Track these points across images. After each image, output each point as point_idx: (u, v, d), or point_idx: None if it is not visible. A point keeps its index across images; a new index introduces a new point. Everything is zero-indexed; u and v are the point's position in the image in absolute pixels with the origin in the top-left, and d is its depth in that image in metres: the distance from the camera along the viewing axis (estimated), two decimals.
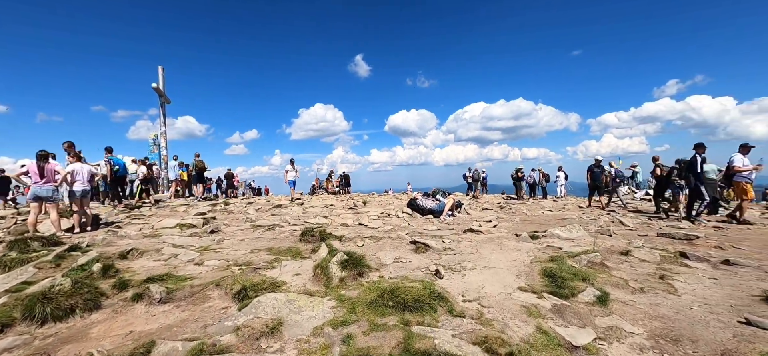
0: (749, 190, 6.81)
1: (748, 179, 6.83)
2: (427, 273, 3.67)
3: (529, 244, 4.95)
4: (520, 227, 6.67)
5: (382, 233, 5.85)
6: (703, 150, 7.04)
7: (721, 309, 2.85)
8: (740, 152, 6.93)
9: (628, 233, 5.89)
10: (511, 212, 9.18)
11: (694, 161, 7.07)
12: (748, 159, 6.88)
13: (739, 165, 6.80)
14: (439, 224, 6.91)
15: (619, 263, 4.13)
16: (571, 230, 5.49)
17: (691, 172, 7.06)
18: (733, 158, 6.95)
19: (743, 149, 6.94)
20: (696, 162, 7.02)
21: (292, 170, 12.70)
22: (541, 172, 16.20)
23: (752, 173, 6.76)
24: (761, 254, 4.51)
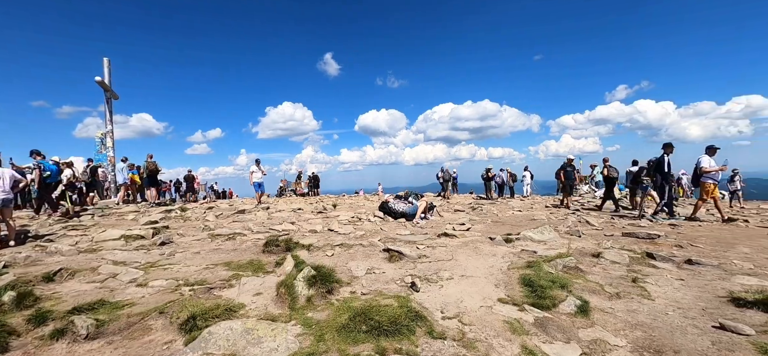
0: (715, 190, 7.17)
1: (714, 179, 7.13)
2: (402, 285, 3.42)
3: (504, 248, 4.86)
4: (493, 229, 6.64)
5: (354, 240, 5.54)
6: (671, 150, 7.39)
7: (694, 313, 2.85)
8: (707, 153, 7.21)
9: (596, 234, 6.02)
10: (482, 213, 9.22)
11: (662, 161, 7.41)
12: (714, 160, 7.17)
13: (706, 166, 7.06)
14: (412, 228, 6.72)
15: (592, 266, 4.12)
16: (542, 233, 5.49)
17: (659, 172, 7.40)
18: (700, 160, 7.18)
19: (710, 151, 7.21)
20: (663, 162, 7.36)
21: (257, 170, 11.96)
22: (508, 172, 16.62)
23: (718, 174, 7.15)
24: (716, 252, 4.72)
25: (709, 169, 7.03)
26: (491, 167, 15.89)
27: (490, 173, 15.64)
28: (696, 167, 7.13)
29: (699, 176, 7.06)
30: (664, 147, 7.47)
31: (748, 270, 3.91)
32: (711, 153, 7.17)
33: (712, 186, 7.05)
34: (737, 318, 2.71)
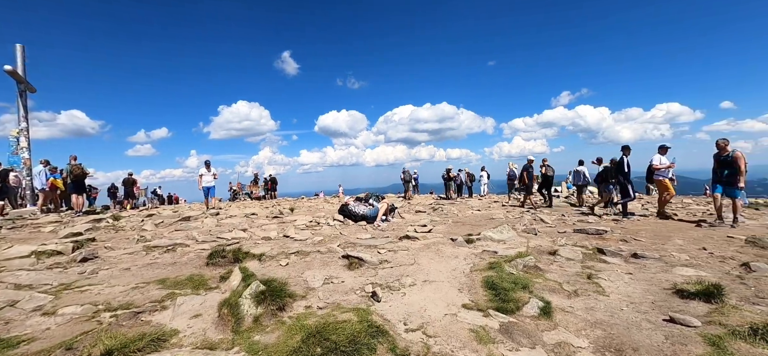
0: (669, 186, 7.76)
1: (665, 176, 7.73)
2: (362, 295, 3.18)
3: (466, 249, 4.82)
4: (454, 230, 6.63)
5: (311, 246, 5.20)
6: (629, 152, 7.90)
7: (645, 307, 2.94)
8: (659, 152, 7.81)
9: (550, 231, 6.23)
10: (443, 213, 9.26)
11: (621, 162, 7.91)
12: (665, 158, 7.76)
13: (657, 164, 7.69)
14: (373, 232, 6.50)
15: (549, 263, 4.19)
16: (501, 232, 5.56)
17: (620, 172, 7.89)
18: (653, 158, 7.78)
19: (661, 150, 7.83)
20: (623, 163, 7.86)
21: (207, 173, 10.91)
22: (466, 172, 17.08)
23: (669, 171, 7.73)
24: (656, 245, 5.07)
25: (661, 166, 7.67)
26: (451, 168, 16.23)
27: (450, 174, 15.95)
28: (649, 165, 7.78)
29: (652, 174, 7.70)
30: (623, 149, 7.95)
31: (685, 261, 4.20)
32: (662, 152, 7.81)
33: (666, 182, 7.69)
34: (684, 311, 2.83)
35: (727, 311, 2.74)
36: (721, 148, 6.79)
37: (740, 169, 6.49)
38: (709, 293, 3.00)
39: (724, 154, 6.72)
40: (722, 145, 6.76)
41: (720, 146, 6.79)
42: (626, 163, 7.75)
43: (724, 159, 6.73)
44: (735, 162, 6.54)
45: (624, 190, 7.79)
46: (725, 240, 5.22)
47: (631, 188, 7.70)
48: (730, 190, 6.68)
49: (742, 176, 6.50)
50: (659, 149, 7.86)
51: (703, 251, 4.65)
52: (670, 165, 7.65)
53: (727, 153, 6.69)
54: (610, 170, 8.58)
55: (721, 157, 6.79)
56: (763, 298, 3.03)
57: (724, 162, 6.73)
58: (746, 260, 4.05)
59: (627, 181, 7.70)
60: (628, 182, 7.69)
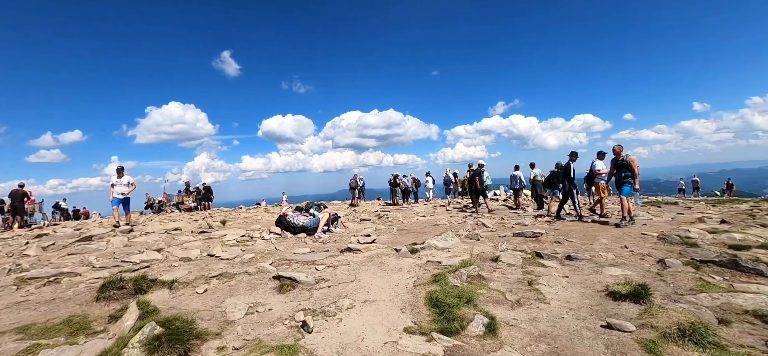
0: (604, 189, 8.37)
1: (603, 180, 8.37)
2: (291, 326, 2.73)
3: (410, 260, 4.59)
4: (399, 239, 6.41)
5: (238, 266, 4.56)
6: (576, 158, 8.33)
7: (584, 313, 2.93)
8: (598, 158, 8.45)
9: (491, 235, 6.31)
10: (388, 221, 9.05)
11: (568, 168, 8.34)
12: (603, 163, 8.38)
13: (600, 168, 8.33)
14: (313, 245, 6.01)
15: (492, 271, 4.12)
16: (446, 239, 5.45)
17: (566, 177, 8.27)
18: (594, 163, 8.40)
19: (600, 156, 8.49)
20: (570, 168, 8.30)
21: (120, 183, 8.98)
22: (412, 178, 17.23)
23: (606, 174, 8.25)
24: (585, 245, 5.35)
25: (602, 171, 8.32)
26: (398, 174, 16.22)
27: (397, 179, 15.92)
28: (590, 169, 8.41)
29: (593, 177, 8.31)
30: (570, 155, 8.40)
31: (612, 260, 4.43)
32: (601, 157, 8.48)
33: (604, 185, 8.36)
34: (618, 314, 2.86)
35: (655, 311, 2.82)
36: (616, 153, 7.41)
37: (634, 171, 7.11)
38: (638, 294, 3.10)
39: (620, 158, 7.34)
40: (618, 150, 7.39)
41: (616, 151, 7.43)
42: (572, 168, 8.19)
43: (620, 162, 7.34)
44: (630, 165, 7.16)
45: (568, 194, 8.22)
46: (641, 238, 5.71)
47: (575, 192, 8.17)
48: (625, 188, 7.22)
49: (636, 178, 7.11)
50: (598, 155, 8.56)
51: (625, 249, 5.00)
52: (611, 171, 8.29)
53: (622, 157, 7.31)
54: (557, 174, 9.13)
55: (617, 161, 7.40)
56: (682, 295, 3.21)
57: (620, 165, 7.33)
58: (661, 257, 4.40)
59: (572, 185, 8.16)
60: (573, 186, 8.16)
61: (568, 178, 8.15)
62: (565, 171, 8.23)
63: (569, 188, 8.11)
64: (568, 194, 8.18)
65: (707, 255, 4.37)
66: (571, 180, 8.09)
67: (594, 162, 8.57)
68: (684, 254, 4.56)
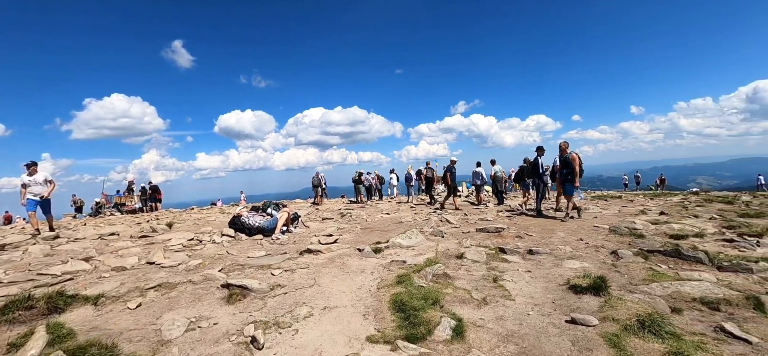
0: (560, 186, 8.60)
1: None
2: (239, 342, 2.40)
3: (374, 260, 4.38)
4: (362, 238, 6.18)
5: (182, 274, 4.07)
6: (543, 153, 8.46)
7: (548, 309, 2.90)
8: (542, 155, 8.68)
9: (456, 232, 6.29)
10: (351, 219, 8.78)
11: (536, 163, 8.42)
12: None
13: (543, 164, 8.49)
14: (269, 247, 5.59)
15: (457, 268, 4.03)
16: (410, 237, 5.32)
17: (535, 172, 8.36)
18: (556, 160, 8.40)
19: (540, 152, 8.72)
20: (538, 164, 8.38)
21: (34, 181, 7.29)
22: (376, 175, 17.05)
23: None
24: (544, 239, 5.48)
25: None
26: (362, 171, 15.95)
27: (361, 177, 15.65)
28: (553, 166, 8.62)
29: (555, 174, 8.56)
30: (538, 150, 8.54)
31: (569, 253, 4.54)
32: (567, 152, 8.66)
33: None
34: (580, 308, 2.86)
35: (614, 303, 2.85)
36: (562, 150, 7.63)
37: (575, 169, 7.27)
38: (597, 286, 3.14)
39: (564, 155, 7.53)
40: (563, 147, 7.61)
41: (561, 148, 7.64)
42: (541, 164, 8.36)
43: (563, 159, 7.53)
44: (572, 162, 7.32)
45: (538, 189, 8.41)
46: (594, 230, 5.98)
47: (544, 187, 8.35)
48: (567, 187, 7.42)
49: (577, 175, 7.27)
50: (540, 152, 8.86)
51: (581, 242, 5.18)
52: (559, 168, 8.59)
53: (566, 154, 7.49)
54: (527, 169, 9.34)
55: (561, 157, 7.59)
56: (636, 285, 3.32)
57: (564, 162, 7.51)
58: (614, 249, 4.58)
59: (541, 180, 8.34)
60: (542, 181, 8.35)
61: (537, 173, 8.29)
62: (534, 167, 8.37)
63: (540, 183, 8.25)
64: (538, 188, 8.35)
65: (653, 245, 4.64)
66: (540, 175, 8.24)
67: (555, 159, 8.88)
68: (633, 245, 4.80)
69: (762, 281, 3.54)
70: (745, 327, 2.49)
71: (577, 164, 7.29)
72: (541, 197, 8.34)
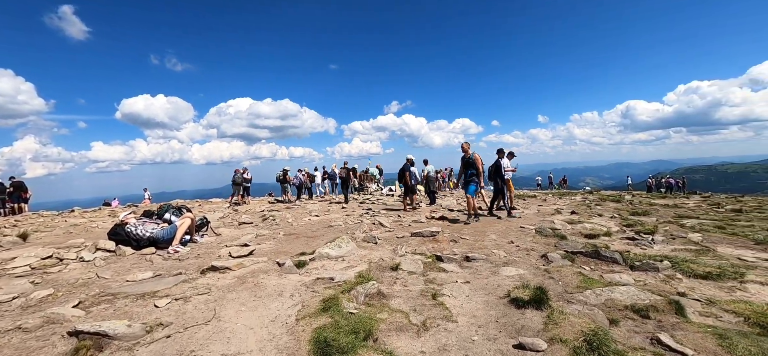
0: (511, 185, 8.66)
1: (510, 177, 8.56)
2: None
3: (295, 278, 3.68)
4: (285, 246, 5.38)
5: (14, 315, 2.86)
6: (503, 155, 8.34)
7: (493, 331, 2.59)
8: (507, 157, 8.62)
9: (389, 236, 5.88)
10: (274, 223, 7.81)
11: (499, 165, 8.21)
12: (510, 163, 8.65)
13: (506, 166, 8.50)
14: (163, 263, 4.46)
15: (392, 283, 3.57)
16: (340, 245, 4.72)
17: (498, 175, 8.17)
18: (503, 161, 8.50)
19: (509, 155, 8.73)
20: (501, 166, 8.18)
21: None
22: (305, 173, 15.99)
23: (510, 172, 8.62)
24: (478, 242, 5.37)
25: (509, 169, 8.62)
26: (288, 169, 14.75)
27: (287, 175, 14.45)
28: (498, 166, 8.59)
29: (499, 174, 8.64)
30: (498, 152, 8.42)
31: (504, 258, 4.43)
32: (510, 157, 8.77)
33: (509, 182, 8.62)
34: (526, 327, 2.60)
35: (557, 318, 2.66)
36: (464, 150, 7.39)
37: (478, 169, 7.19)
38: (538, 299, 2.95)
39: (467, 155, 7.32)
40: (465, 147, 7.37)
41: (464, 149, 7.40)
42: (502, 166, 8.28)
43: (466, 160, 7.32)
44: (476, 163, 7.21)
45: (499, 190, 8.30)
46: (521, 231, 6.12)
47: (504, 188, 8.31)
48: (471, 187, 7.24)
49: (480, 176, 7.18)
50: (508, 155, 8.99)
51: (512, 244, 5.18)
52: (513, 170, 8.76)
53: (469, 155, 7.30)
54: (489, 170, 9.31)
55: (465, 158, 7.36)
56: (572, 294, 3.23)
57: (467, 163, 7.31)
58: (544, 252, 4.62)
59: (502, 182, 8.23)
60: (503, 183, 8.25)
61: (499, 175, 8.18)
62: (496, 169, 8.24)
63: (501, 185, 8.15)
64: (500, 191, 8.24)
65: (576, 246, 4.81)
66: (502, 177, 8.16)
67: (502, 161, 9.10)
68: (559, 246, 4.93)
69: (667, 279, 3.80)
70: (677, 336, 2.46)
71: (480, 164, 7.24)
72: (496, 198, 8.30)
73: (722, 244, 5.72)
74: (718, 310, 2.97)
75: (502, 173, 8.19)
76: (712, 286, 3.63)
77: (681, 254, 4.83)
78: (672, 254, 4.69)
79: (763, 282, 3.75)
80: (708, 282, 3.75)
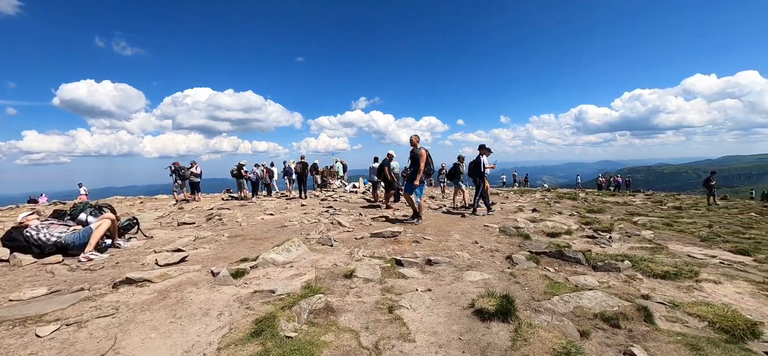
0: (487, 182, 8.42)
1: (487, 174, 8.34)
2: None
3: (229, 291, 3.11)
4: (226, 251, 4.73)
5: None
6: (485, 152, 8.01)
7: (455, 351, 2.24)
8: (486, 154, 8.35)
9: (347, 238, 5.42)
10: (221, 223, 7.04)
11: (479, 161, 7.85)
12: (488, 159, 8.36)
13: (486, 163, 8.28)
14: (69, 275, 3.67)
15: (344, 294, 3.13)
16: (289, 249, 4.19)
17: (477, 172, 7.83)
18: (482, 159, 8.31)
19: (487, 152, 8.43)
20: (480, 162, 7.81)
21: None
22: (264, 168, 15.04)
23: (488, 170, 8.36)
24: (441, 243, 5.07)
25: (488, 166, 8.40)
26: (245, 163, 13.75)
27: (242, 170, 13.45)
28: (478, 163, 8.38)
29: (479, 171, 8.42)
30: (480, 149, 8.10)
31: (468, 261, 4.14)
32: (487, 154, 8.51)
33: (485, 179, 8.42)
34: (492, 345, 2.27)
35: (525, 332, 2.37)
36: (413, 144, 6.64)
37: (420, 166, 6.40)
38: (504, 310, 2.65)
39: (415, 150, 6.58)
40: (414, 141, 6.62)
41: (412, 142, 6.65)
42: (483, 162, 8.00)
43: (412, 154, 6.65)
44: (419, 159, 6.42)
45: (479, 188, 8.03)
46: (485, 230, 5.94)
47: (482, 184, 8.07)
48: (408, 185, 6.54)
49: (419, 174, 6.40)
50: (487, 152, 8.79)
51: (476, 245, 4.93)
52: (492, 166, 8.58)
53: (416, 149, 6.55)
54: (459, 166, 9.09)
55: (412, 153, 6.66)
56: (539, 301, 2.97)
57: (412, 157, 6.64)
58: (508, 253, 4.41)
59: (481, 179, 7.95)
60: (481, 180, 7.97)
61: (478, 173, 7.91)
62: (475, 166, 7.98)
63: (480, 182, 7.90)
64: (479, 187, 8.00)
65: (539, 247, 4.66)
66: (482, 174, 7.89)
67: (480, 157, 8.93)
68: (523, 247, 4.75)
69: (629, 280, 3.71)
70: (649, 348, 2.26)
71: (423, 161, 6.46)
72: (479, 195, 8.09)
73: (672, 241, 5.91)
74: (682, 314, 2.86)
75: (481, 171, 7.98)
76: (672, 286, 3.59)
77: (638, 252, 4.86)
78: (631, 253, 4.68)
79: (716, 280, 3.79)
80: (667, 281, 3.71)
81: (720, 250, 5.33)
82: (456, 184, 9.74)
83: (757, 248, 5.53)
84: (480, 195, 7.96)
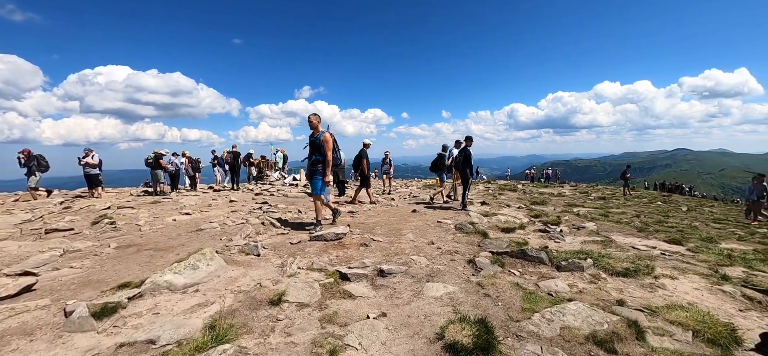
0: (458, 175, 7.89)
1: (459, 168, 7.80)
2: None
3: (82, 344, 2.02)
4: (106, 269, 3.46)
5: None
6: (471, 143, 7.40)
7: None
8: (455, 147, 7.78)
9: (281, 243, 4.44)
10: (113, 227, 5.50)
11: (468, 154, 7.22)
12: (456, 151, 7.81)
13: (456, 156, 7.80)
14: None
15: (266, 333, 2.24)
16: (197, 265, 3.13)
17: (467, 164, 7.21)
18: (452, 151, 7.74)
19: (457, 145, 7.90)
20: (469, 154, 7.20)
21: None
22: (187, 158, 12.97)
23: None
24: (394, 245, 4.37)
25: (453, 158, 7.91)
26: (165, 152, 11.63)
27: (158, 159, 11.34)
28: (448, 156, 7.88)
29: (451, 165, 7.86)
30: (467, 139, 7.47)
31: (426, 269, 3.49)
32: (457, 146, 7.96)
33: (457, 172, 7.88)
34: None
35: None
36: (313, 126, 4.99)
37: (327, 157, 4.84)
38: (484, 343, 2.03)
39: (317, 133, 4.95)
40: (314, 122, 4.97)
41: (312, 123, 4.98)
42: (470, 153, 7.43)
43: (313, 140, 4.99)
44: (324, 145, 4.84)
45: (466, 180, 7.47)
46: (439, 228, 5.41)
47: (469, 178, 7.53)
48: (313, 182, 5.00)
49: (328, 167, 4.87)
50: (456, 144, 8.18)
51: (432, 245, 4.34)
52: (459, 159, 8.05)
53: (319, 133, 4.93)
54: (444, 157, 8.47)
55: (312, 137, 5.01)
56: (519, 323, 2.41)
57: (313, 144, 4.99)
58: (469, 256, 3.88)
59: (471, 172, 7.39)
60: (471, 173, 7.41)
61: (468, 165, 7.35)
62: (465, 158, 7.41)
63: (469, 175, 7.40)
64: (466, 180, 7.50)
65: (500, 246, 4.23)
66: (470, 167, 7.35)
67: (451, 150, 8.39)
68: (483, 246, 4.28)
69: (594, 279, 3.43)
70: None
71: (329, 148, 4.85)
72: (466, 188, 7.59)
73: (614, 232, 6.00)
74: (663, 322, 2.56)
75: (471, 163, 7.51)
76: (636, 285, 3.37)
77: (592, 246, 4.72)
78: (587, 249, 4.49)
79: (671, 276, 3.69)
80: (629, 280, 3.50)
81: (656, 240, 5.49)
82: (440, 176, 9.31)
83: (684, 237, 5.85)
84: (467, 189, 7.63)
